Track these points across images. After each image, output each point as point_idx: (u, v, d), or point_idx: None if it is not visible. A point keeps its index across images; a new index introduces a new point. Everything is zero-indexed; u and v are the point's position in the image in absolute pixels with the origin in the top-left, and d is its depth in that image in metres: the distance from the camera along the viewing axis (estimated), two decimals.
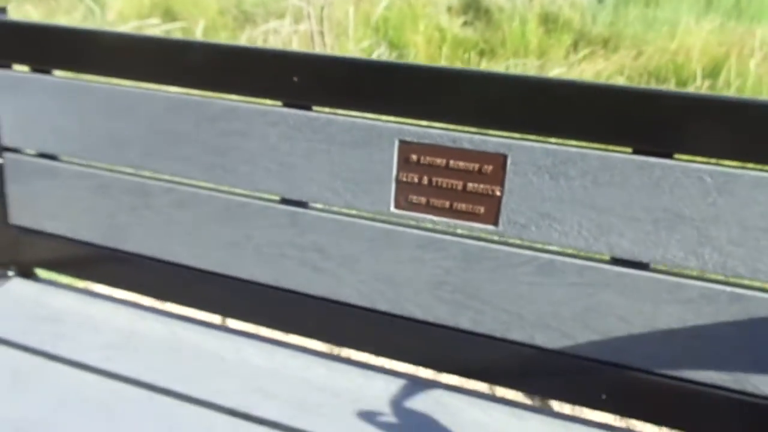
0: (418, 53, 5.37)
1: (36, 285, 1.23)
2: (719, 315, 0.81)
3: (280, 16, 3.69)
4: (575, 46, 6.12)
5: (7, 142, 1.17)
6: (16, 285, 1.22)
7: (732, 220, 0.78)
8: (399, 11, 6.13)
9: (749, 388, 0.83)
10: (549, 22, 6.39)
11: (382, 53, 3.82)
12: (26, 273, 1.25)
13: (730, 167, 0.77)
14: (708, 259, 0.80)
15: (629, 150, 0.82)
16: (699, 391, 0.85)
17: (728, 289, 0.80)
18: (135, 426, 0.90)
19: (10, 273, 1.25)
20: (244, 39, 3.94)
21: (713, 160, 0.78)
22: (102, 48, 1.06)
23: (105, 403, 0.94)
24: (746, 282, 0.80)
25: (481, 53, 5.76)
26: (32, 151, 1.17)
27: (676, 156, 0.80)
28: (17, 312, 1.14)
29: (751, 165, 0.77)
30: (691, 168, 0.78)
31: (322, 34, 3.13)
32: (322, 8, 3.13)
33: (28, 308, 1.15)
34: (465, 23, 6.27)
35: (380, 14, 5.78)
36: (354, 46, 3.82)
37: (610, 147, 0.82)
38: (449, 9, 6.63)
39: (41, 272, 1.27)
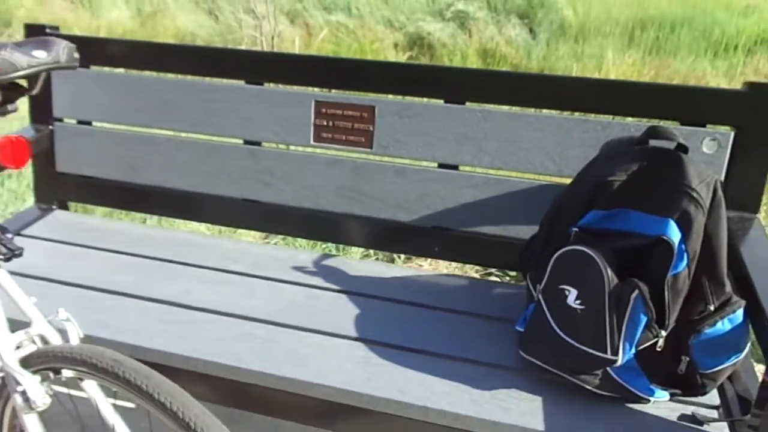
0: None
1: (73, 214, 1.83)
2: (491, 192, 1.48)
3: (237, 43, 4.35)
4: None
5: (57, 114, 1.77)
6: (59, 214, 1.82)
7: (493, 137, 1.45)
8: (348, 46, 6.89)
9: (511, 234, 1.49)
10: (488, 56, 7.21)
11: None
12: (64, 206, 1.84)
13: (491, 107, 1.46)
14: (483, 159, 1.47)
15: (442, 100, 1.49)
16: (486, 238, 1.51)
17: (493, 176, 1.48)
18: (147, 276, 1.51)
19: (54, 207, 1.83)
20: None
21: (481, 104, 1.46)
22: (120, 50, 1.69)
23: (127, 268, 1.55)
24: (502, 172, 1.48)
25: None
26: (73, 120, 1.77)
27: (467, 103, 1.48)
28: (64, 228, 1.73)
29: (503, 105, 1.46)
30: (470, 109, 1.46)
31: None
32: (273, 38, 3.83)
33: (71, 226, 1.75)
34: (410, 58, 7.03)
35: (330, 49, 6.53)
36: None
37: (432, 100, 1.49)
38: (395, 45, 7.40)
39: (74, 206, 1.86)
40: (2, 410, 1.01)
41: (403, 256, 1.94)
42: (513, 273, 1.55)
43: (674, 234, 1.07)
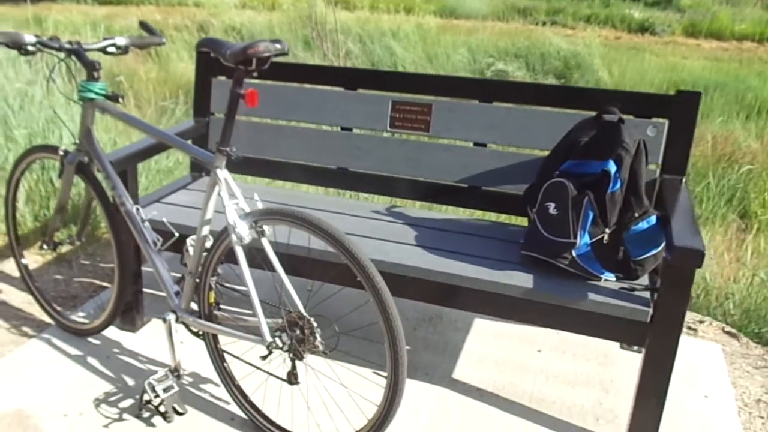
0: None
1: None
2: (509, 162, 2.25)
3: None
4: None
5: (212, 109, 2.64)
6: (206, 178, 2.65)
7: (511, 125, 2.24)
8: None
9: (521, 191, 2.24)
10: None
11: None
12: (208, 174, 2.68)
13: (510, 105, 2.24)
14: (504, 140, 2.25)
15: (477, 101, 2.29)
16: (505, 194, 2.26)
17: (510, 152, 2.25)
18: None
19: (202, 174, 2.67)
20: None
21: (504, 103, 2.25)
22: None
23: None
24: (517, 149, 2.25)
25: None
26: (222, 114, 2.63)
27: (494, 102, 2.27)
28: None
29: (520, 105, 2.24)
30: (495, 106, 2.25)
31: None
32: None
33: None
34: None
35: None
36: None
37: (464, 99, 2.29)
38: None
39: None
40: (216, 249, 1.80)
41: (447, 207, 2.73)
42: (522, 218, 2.29)
43: (612, 167, 1.82)
